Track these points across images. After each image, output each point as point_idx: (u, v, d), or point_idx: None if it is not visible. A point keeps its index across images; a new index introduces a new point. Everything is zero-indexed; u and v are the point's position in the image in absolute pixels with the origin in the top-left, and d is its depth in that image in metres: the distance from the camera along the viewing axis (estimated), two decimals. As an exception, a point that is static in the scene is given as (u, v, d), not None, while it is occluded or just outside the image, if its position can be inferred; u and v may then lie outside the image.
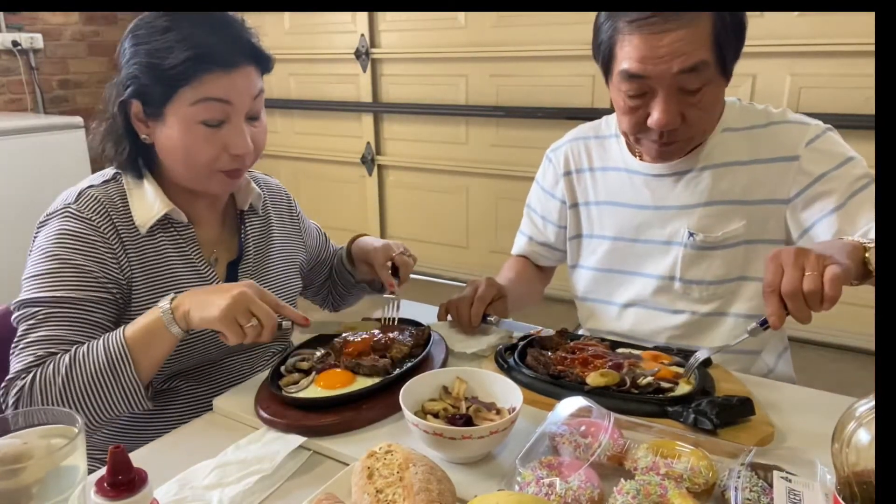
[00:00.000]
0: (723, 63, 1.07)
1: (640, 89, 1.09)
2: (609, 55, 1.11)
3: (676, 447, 0.80)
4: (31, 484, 0.63)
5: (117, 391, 0.94)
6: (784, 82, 2.78)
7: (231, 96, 1.03)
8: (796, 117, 1.20)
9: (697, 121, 1.11)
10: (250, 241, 1.21)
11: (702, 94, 1.08)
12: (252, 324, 0.94)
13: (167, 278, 1.09)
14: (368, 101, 3.84)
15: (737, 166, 1.19)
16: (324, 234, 1.45)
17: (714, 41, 1.05)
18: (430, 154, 3.75)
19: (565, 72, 3.23)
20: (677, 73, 1.04)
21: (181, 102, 1.01)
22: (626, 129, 1.17)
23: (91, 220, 1.04)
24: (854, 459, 0.57)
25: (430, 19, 3.53)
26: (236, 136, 1.05)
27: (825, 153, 1.14)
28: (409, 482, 0.69)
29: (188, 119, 1.02)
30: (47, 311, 0.98)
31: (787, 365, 1.31)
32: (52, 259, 1.00)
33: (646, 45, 1.04)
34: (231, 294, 0.94)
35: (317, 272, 1.42)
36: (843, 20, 2.59)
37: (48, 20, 3.98)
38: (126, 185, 1.10)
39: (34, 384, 0.92)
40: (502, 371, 1.06)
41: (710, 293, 1.23)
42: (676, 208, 1.23)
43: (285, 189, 1.37)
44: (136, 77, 1.02)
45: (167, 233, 1.10)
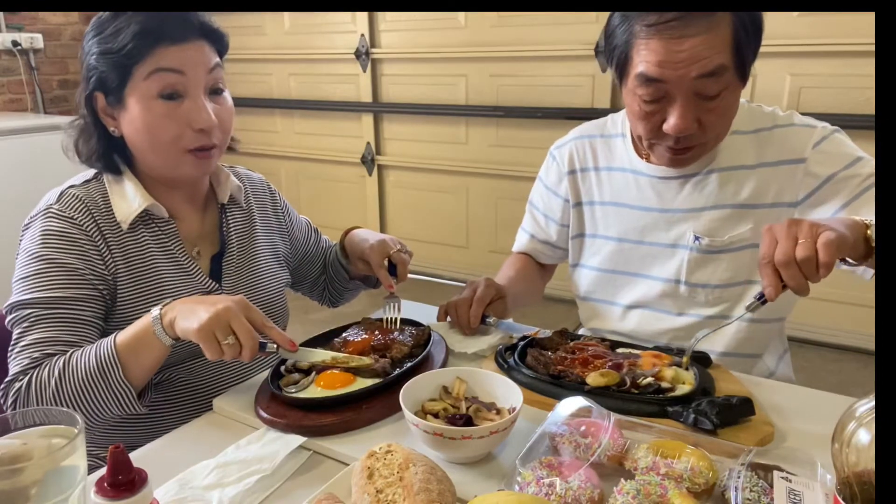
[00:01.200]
0: (742, 67, 1.06)
1: (656, 94, 1.07)
2: (625, 59, 1.09)
3: (676, 447, 0.80)
4: (31, 484, 0.62)
5: (108, 395, 0.95)
6: (784, 82, 2.78)
7: (184, 66, 1.03)
8: (803, 119, 1.19)
9: (713, 126, 1.10)
10: (233, 233, 1.21)
11: (720, 98, 1.06)
12: (229, 342, 0.92)
13: (151, 274, 1.09)
14: (368, 101, 3.84)
15: (744, 170, 1.18)
16: (314, 228, 1.44)
17: (733, 45, 1.03)
18: (430, 154, 3.75)
19: (565, 72, 3.23)
20: (696, 78, 1.03)
21: (136, 80, 1.03)
22: (642, 134, 1.14)
23: (73, 218, 1.05)
24: (854, 459, 0.57)
25: (430, 19, 3.53)
26: (197, 110, 1.05)
27: (832, 155, 1.13)
28: (409, 482, 0.69)
29: (145, 95, 1.03)
30: (38, 312, 0.99)
31: (787, 367, 1.31)
32: (39, 260, 1.02)
33: (664, 49, 1.03)
34: (215, 308, 0.91)
35: (308, 267, 1.41)
36: (843, 20, 2.58)
37: (48, 20, 3.98)
38: (107, 182, 1.11)
39: (30, 387, 0.94)
40: (502, 371, 1.06)
41: (716, 297, 1.22)
42: (683, 211, 1.22)
43: (268, 183, 1.36)
44: (94, 68, 1.04)
45: (149, 228, 1.11)
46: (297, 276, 1.40)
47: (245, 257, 1.22)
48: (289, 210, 1.37)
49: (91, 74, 1.05)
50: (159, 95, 1.03)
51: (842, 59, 2.64)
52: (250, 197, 1.28)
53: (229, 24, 4.70)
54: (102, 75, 1.04)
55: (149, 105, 1.03)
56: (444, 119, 3.66)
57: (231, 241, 1.20)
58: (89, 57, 1.05)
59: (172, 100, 1.04)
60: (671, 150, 1.13)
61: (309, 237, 1.41)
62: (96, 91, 1.06)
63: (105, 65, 1.03)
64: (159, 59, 1.02)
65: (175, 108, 1.04)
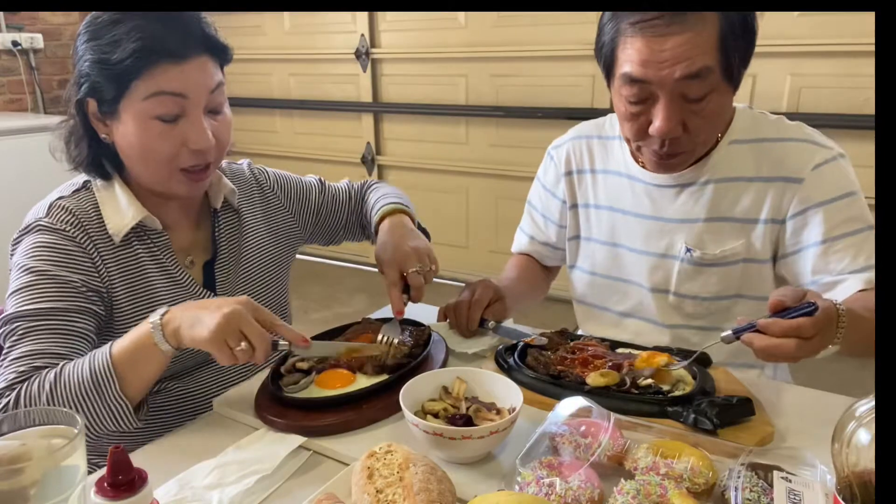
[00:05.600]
0: (729, 70, 1.03)
1: (641, 95, 1.05)
2: (611, 58, 1.08)
3: (676, 447, 0.80)
4: (30, 485, 0.62)
5: (103, 410, 0.90)
6: (784, 82, 2.78)
7: (185, 89, 0.98)
8: (809, 135, 1.15)
9: (699, 130, 1.07)
10: (224, 239, 1.17)
11: (705, 102, 1.04)
12: (242, 347, 0.88)
13: (144, 287, 1.06)
14: (368, 101, 3.84)
15: (741, 182, 1.16)
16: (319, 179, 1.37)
17: (720, 47, 1.00)
18: (430, 154, 3.75)
19: (565, 72, 3.23)
20: (679, 80, 1.00)
21: (134, 98, 0.98)
22: (629, 136, 1.13)
23: (65, 231, 1.01)
24: (854, 459, 0.57)
25: (430, 19, 3.53)
26: (195, 131, 1.00)
27: (828, 182, 1.10)
28: (409, 482, 0.69)
29: (142, 115, 0.98)
30: (28, 324, 0.95)
31: (784, 373, 1.31)
32: (30, 272, 0.98)
33: (648, 48, 1.00)
34: (223, 312, 0.87)
35: (330, 218, 1.35)
36: (843, 20, 2.58)
37: (48, 20, 3.98)
38: (97, 192, 1.07)
39: (19, 402, 0.89)
40: (502, 371, 1.06)
41: (704, 308, 1.21)
42: (676, 221, 1.21)
43: (253, 171, 1.29)
44: (87, 74, 0.99)
45: (141, 241, 1.07)
46: (324, 233, 1.35)
47: (237, 262, 1.18)
48: (281, 182, 1.31)
49: (84, 80, 1.00)
50: (157, 118, 0.99)
51: (842, 59, 2.64)
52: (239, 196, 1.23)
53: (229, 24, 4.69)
54: (97, 84, 0.99)
55: (145, 124, 0.99)
56: (444, 119, 3.66)
57: (222, 247, 1.17)
58: (82, 62, 0.99)
59: (170, 122, 0.99)
60: (657, 154, 1.11)
61: (316, 194, 1.34)
62: (88, 97, 1.01)
63: (100, 75, 0.98)
64: (159, 79, 0.96)
65: (172, 129, 1.00)
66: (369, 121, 3.89)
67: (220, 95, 1.04)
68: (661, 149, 1.09)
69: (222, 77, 1.05)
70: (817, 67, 2.71)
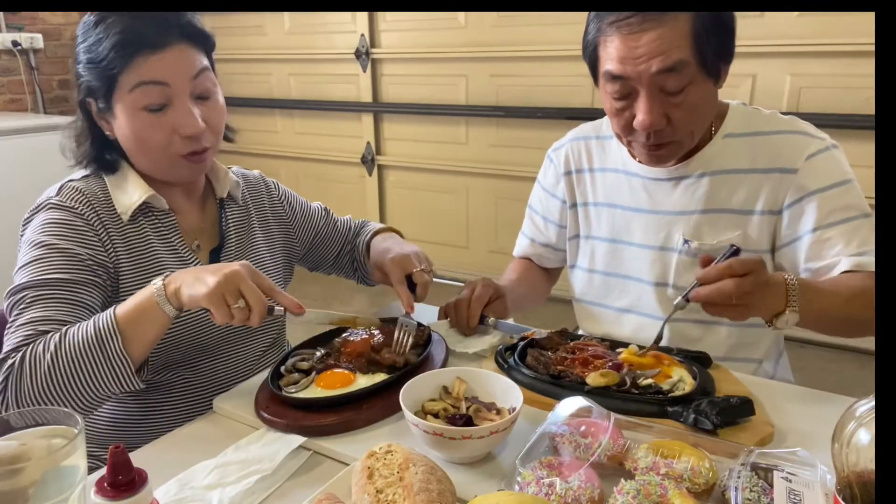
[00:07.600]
0: (704, 63, 1.06)
1: (623, 91, 1.09)
2: (594, 56, 1.12)
3: (676, 447, 0.80)
4: (30, 485, 0.62)
5: (106, 368, 0.91)
6: (784, 82, 2.78)
7: (166, 77, 1.02)
8: (802, 127, 1.18)
9: (683, 122, 1.10)
10: (231, 228, 1.21)
11: (685, 94, 1.07)
12: (240, 305, 0.91)
13: (152, 264, 1.09)
14: (368, 101, 3.84)
15: (736, 174, 1.18)
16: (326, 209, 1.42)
17: (693, 40, 1.04)
18: (430, 154, 3.75)
19: (565, 72, 3.23)
20: (656, 74, 1.04)
21: (122, 91, 1.02)
22: (617, 131, 1.17)
23: (75, 208, 1.05)
24: (854, 459, 0.57)
25: (430, 19, 3.53)
26: (182, 117, 1.04)
27: (823, 170, 1.13)
28: (409, 482, 0.69)
29: (131, 107, 1.03)
30: (35, 293, 0.98)
31: (785, 371, 1.31)
32: (38, 247, 1.01)
33: (625, 45, 1.05)
34: (223, 272, 0.91)
35: (323, 248, 1.39)
36: (843, 20, 2.58)
37: (48, 20, 3.98)
38: (106, 177, 1.11)
39: (24, 362, 0.91)
40: (502, 371, 1.06)
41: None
42: (673, 214, 1.22)
43: (265, 180, 1.35)
44: (82, 76, 1.05)
45: (149, 220, 1.11)
46: (314, 258, 1.40)
47: (243, 252, 1.22)
48: (289, 198, 1.36)
49: (81, 82, 1.06)
50: (143, 108, 1.03)
51: (842, 59, 2.64)
52: (247, 195, 1.28)
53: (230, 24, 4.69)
54: (90, 84, 1.05)
55: (135, 116, 1.03)
56: (444, 119, 3.66)
57: (230, 235, 1.21)
58: (77, 64, 1.06)
59: (157, 111, 1.03)
60: (646, 147, 1.14)
61: (318, 218, 1.39)
62: (88, 98, 1.07)
63: (90, 74, 1.03)
64: (140, 70, 1.01)
65: (160, 118, 1.04)
66: (369, 121, 3.89)
67: (206, 81, 1.08)
68: (648, 141, 1.12)
69: (207, 63, 1.08)
70: (817, 67, 2.71)
